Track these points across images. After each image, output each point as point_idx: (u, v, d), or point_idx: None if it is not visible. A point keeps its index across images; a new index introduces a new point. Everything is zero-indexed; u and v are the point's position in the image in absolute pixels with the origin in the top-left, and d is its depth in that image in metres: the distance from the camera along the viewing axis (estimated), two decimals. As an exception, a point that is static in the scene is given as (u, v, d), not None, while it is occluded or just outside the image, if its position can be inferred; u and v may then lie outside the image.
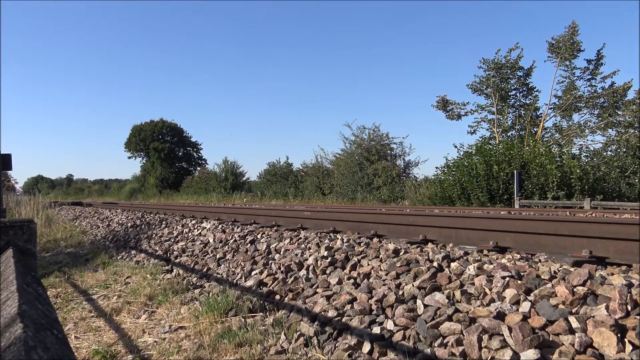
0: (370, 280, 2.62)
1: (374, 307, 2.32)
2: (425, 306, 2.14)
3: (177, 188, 35.99)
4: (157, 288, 3.83)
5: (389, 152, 20.47)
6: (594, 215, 6.58)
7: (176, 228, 6.41)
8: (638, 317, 1.63)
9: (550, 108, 18.54)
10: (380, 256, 2.91)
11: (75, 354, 2.51)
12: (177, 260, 4.79)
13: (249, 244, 4.26)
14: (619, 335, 1.57)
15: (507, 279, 2.09)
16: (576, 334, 1.64)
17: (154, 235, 6.56)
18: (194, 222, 6.42)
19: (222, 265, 4.05)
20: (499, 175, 12.45)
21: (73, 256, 6.60)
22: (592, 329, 1.64)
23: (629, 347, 1.54)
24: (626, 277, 1.85)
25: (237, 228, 5.06)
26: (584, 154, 16.25)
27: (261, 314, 2.80)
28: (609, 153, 15.80)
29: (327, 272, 2.98)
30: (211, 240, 4.97)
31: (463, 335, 1.85)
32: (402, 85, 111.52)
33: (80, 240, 8.61)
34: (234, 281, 3.51)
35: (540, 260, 2.35)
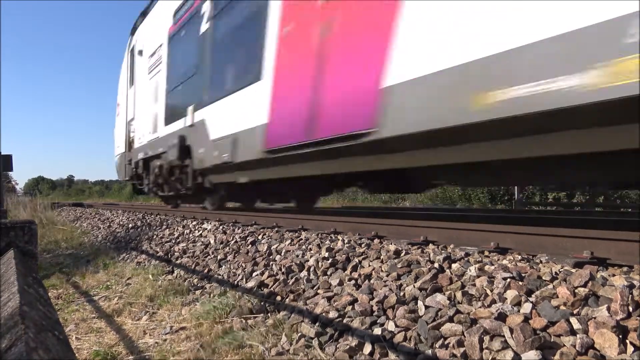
0: (371, 281, 2.62)
1: (375, 308, 2.32)
2: (427, 307, 2.14)
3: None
4: (158, 289, 3.83)
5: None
6: (595, 216, 6.57)
7: (177, 229, 6.41)
8: (639, 318, 1.62)
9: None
10: (381, 257, 2.91)
11: (77, 355, 2.51)
12: (178, 262, 4.79)
13: (250, 245, 4.26)
14: (620, 336, 1.57)
15: (508, 280, 2.08)
16: (577, 335, 1.64)
17: (154, 237, 6.57)
18: (194, 223, 6.43)
19: (223, 266, 4.05)
20: (500, 176, 12.39)
21: (74, 257, 6.61)
22: (594, 330, 1.63)
23: (630, 348, 1.54)
24: (627, 278, 1.85)
25: (238, 229, 5.06)
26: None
27: (262, 315, 2.80)
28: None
29: (328, 273, 2.98)
30: (212, 242, 4.97)
31: (464, 336, 1.85)
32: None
33: (81, 242, 8.62)
34: (235, 282, 3.51)
35: (541, 262, 2.35)
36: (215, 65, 6.73)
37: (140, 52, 10.58)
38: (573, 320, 1.70)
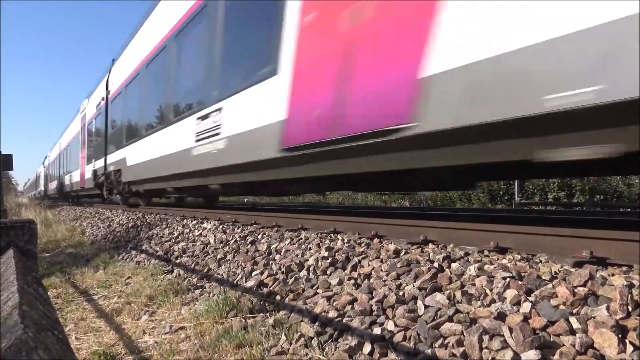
0: (371, 280, 2.62)
1: (374, 307, 2.32)
2: (426, 307, 2.14)
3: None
4: (157, 289, 3.83)
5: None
6: (594, 215, 6.57)
7: (177, 228, 6.41)
8: (639, 317, 1.62)
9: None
10: (381, 257, 2.91)
11: (76, 354, 2.51)
12: (178, 261, 4.79)
13: (250, 245, 4.26)
14: (619, 335, 1.57)
15: (508, 279, 2.09)
16: (577, 335, 1.64)
17: (154, 236, 6.57)
18: (194, 222, 6.43)
19: (223, 265, 4.05)
20: (500, 176, 12.41)
21: (73, 257, 6.60)
22: (593, 329, 1.63)
23: (629, 348, 1.54)
24: (627, 278, 1.85)
25: (238, 229, 5.06)
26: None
27: (262, 314, 2.80)
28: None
29: (328, 272, 2.98)
30: (212, 241, 4.97)
31: (464, 336, 1.85)
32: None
33: (81, 241, 8.62)
34: (235, 282, 3.51)
35: (541, 261, 2.35)
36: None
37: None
38: (572, 319, 1.70)
